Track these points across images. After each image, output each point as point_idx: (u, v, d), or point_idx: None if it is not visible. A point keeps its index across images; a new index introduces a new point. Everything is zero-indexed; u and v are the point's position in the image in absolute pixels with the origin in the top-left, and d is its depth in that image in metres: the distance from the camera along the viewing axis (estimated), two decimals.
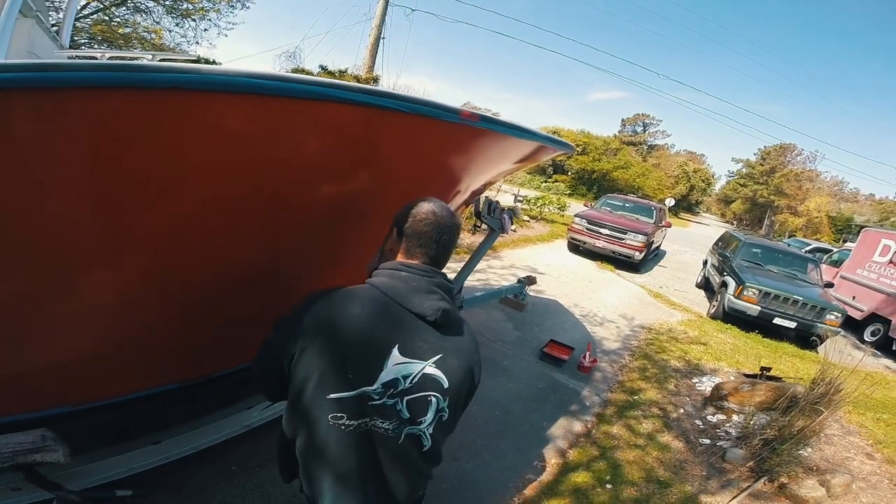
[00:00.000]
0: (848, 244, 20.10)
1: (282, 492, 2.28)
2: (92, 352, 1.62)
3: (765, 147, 56.53)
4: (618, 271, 10.15)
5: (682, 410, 4.00)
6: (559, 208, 15.62)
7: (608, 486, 2.76)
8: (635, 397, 4.12)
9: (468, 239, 8.78)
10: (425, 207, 1.19)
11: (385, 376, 1.02)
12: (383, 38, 11.59)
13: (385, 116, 1.31)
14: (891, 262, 9.54)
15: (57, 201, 1.11)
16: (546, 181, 32.46)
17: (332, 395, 1.00)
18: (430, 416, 1.08)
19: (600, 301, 7.41)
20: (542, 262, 9.06)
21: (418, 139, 1.53)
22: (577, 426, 3.46)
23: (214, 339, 1.98)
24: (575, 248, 11.18)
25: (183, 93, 0.98)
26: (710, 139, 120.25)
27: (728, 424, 3.76)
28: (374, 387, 1.01)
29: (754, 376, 4.35)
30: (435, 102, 1.36)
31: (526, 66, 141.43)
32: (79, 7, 11.12)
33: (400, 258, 1.18)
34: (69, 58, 3.10)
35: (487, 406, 3.41)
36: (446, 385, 1.09)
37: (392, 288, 1.10)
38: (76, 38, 11.90)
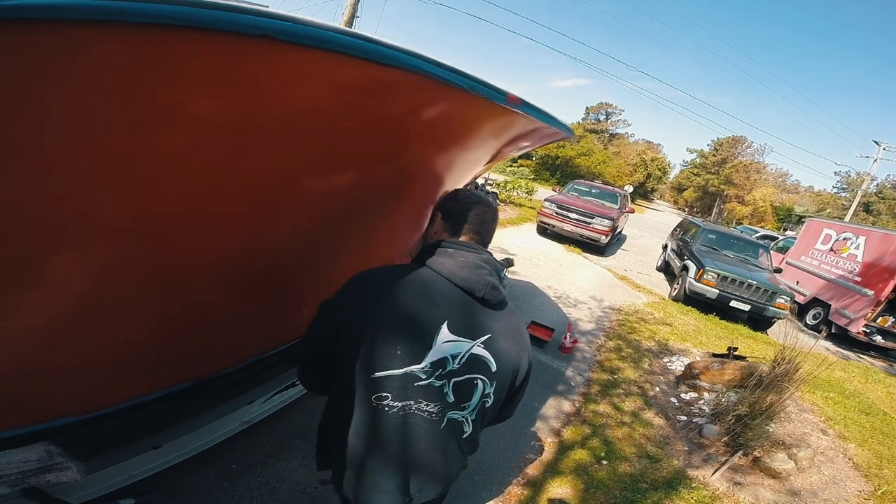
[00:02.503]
0: (788, 232, 21.53)
1: (289, 488, 2.22)
2: (104, 353, 1.47)
3: (718, 139, 59.25)
4: (585, 254, 10.45)
5: (657, 389, 4.21)
6: (527, 192, 15.84)
7: (604, 462, 2.88)
8: (615, 376, 4.29)
9: None
10: (467, 190, 1.23)
11: (433, 355, 0.99)
12: (357, 16, 11.16)
13: (444, 92, 1.22)
14: (831, 250, 10.32)
15: (76, 170, 0.95)
16: (511, 165, 32.70)
17: (378, 374, 0.97)
18: (474, 401, 1.05)
19: (571, 283, 7.61)
20: (515, 245, 9.18)
21: (464, 119, 1.48)
22: (567, 405, 3.57)
23: (234, 332, 1.88)
24: (543, 231, 11.40)
25: (274, 44, 0.85)
26: (668, 129, 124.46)
27: (701, 402, 3.98)
28: (422, 365, 0.98)
29: (723, 356, 4.61)
30: (487, 81, 1.31)
31: (494, 49, 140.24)
32: None
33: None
34: None
35: None
36: (494, 368, 1.06)
37: (440, 263, 1.07)
38: None
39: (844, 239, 10.09)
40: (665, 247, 11.77)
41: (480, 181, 13.66)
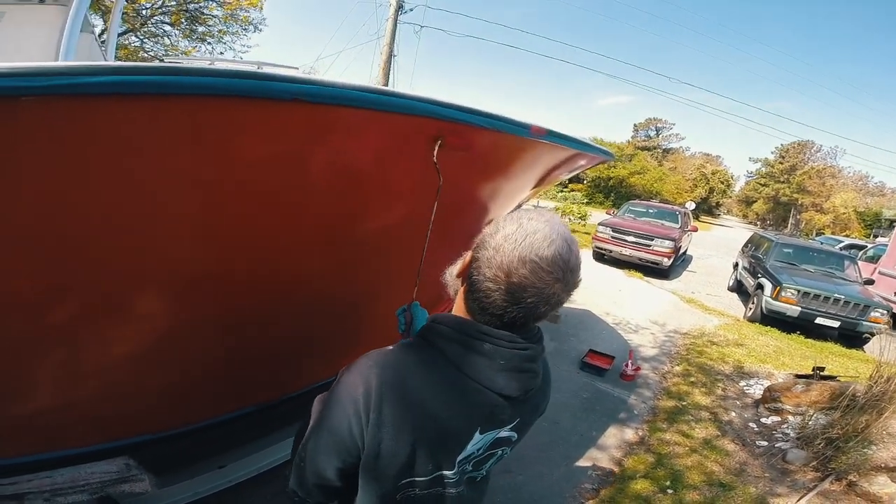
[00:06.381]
0: (879, 239, 19.47)
1: None
2: (184, 377, 1.63)
3: (782, 145, 55.53)
4: (647, 278, 10.01)
5: (733, 414, 3.90)
6: (580, 218, 15.55)
7: (669, 491, 2.69)
8: (684, 403, 4.02)
9: None
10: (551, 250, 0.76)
11: (462, 455, 0.91)
12: (395, 55, 11.96)
13: (462, 131, 1.30)
14: None
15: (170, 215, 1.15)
16: (562, 191, 32.29)
17: (406, 480, 0.87)
18: (491, 463, 1.02)
19: (633, 309, 7.31)
20: None
21: (499, 152, 1.56)
22: (629, 434, 3.40)
23: (302, 357, 2.01)
24: (600, 256, 11.08)
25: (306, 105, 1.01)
26: (725, 140, 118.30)
27: (784, 426, 3.64)
28: (452, 469, 0.92)
29: (808, 377, 4.22)
30: (507, 117, 1.35)
31: (532, 74, 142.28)
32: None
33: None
34: None
35: None
36: (515, 438, 1.00)
37: (474, 367, 0.84)
38: None
39: None
40: (736, 265, 11.05)
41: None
